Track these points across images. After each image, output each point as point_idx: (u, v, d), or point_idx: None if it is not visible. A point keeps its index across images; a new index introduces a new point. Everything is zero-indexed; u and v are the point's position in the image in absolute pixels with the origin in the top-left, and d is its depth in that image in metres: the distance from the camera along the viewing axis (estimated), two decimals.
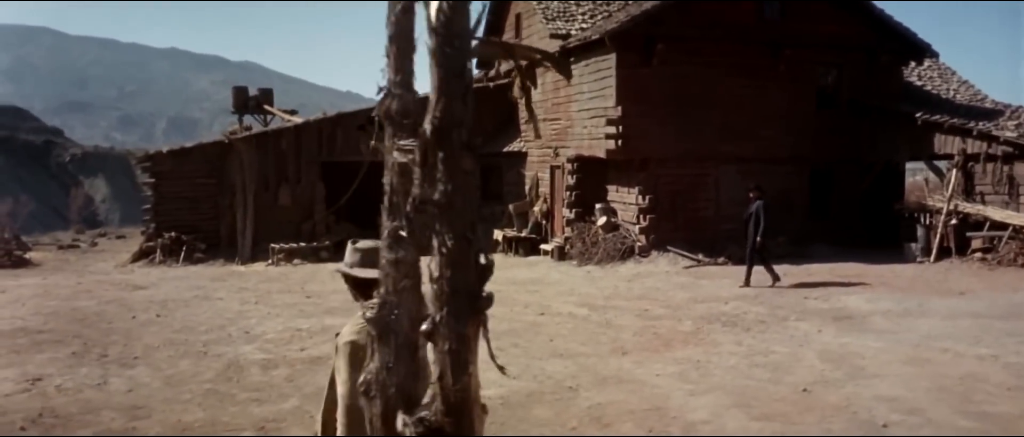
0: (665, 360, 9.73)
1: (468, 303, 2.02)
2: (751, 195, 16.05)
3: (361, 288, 3.67)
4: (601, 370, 9.25)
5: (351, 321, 3.66)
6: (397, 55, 2.26)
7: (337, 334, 3.61)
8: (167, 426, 7.60)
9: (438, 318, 2.04)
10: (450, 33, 2.00)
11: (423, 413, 2.09)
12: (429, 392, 2.13)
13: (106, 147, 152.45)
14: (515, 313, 13.18)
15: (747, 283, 15.55)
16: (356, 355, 3.41)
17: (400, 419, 2.11)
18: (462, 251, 1.98)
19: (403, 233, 2.21)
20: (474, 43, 2.22)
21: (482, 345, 2.34)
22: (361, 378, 2.32)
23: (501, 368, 2.54)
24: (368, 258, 3.69)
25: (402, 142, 2.26)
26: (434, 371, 2.13)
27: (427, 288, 2.15)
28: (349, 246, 3.88)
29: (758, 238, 15.57)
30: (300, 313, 13.76)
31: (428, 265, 2.18)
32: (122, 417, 7.97)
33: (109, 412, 8.13)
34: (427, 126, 2.06)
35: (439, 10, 1.97)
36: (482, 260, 2.11)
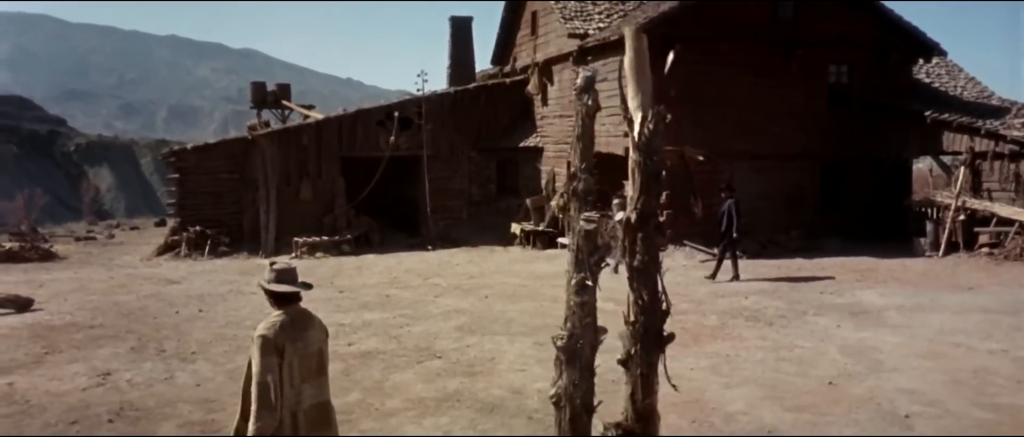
0: (696, 354, 10.35)
1: (655, 340, 2.62)
2: (722, 194, 16.66)
3: (276, 299, 4.88)
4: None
5: (265, 321, 4.82)
6: (582, 150, 2.88)
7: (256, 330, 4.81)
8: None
9: (633, 351, 2.65)
10: (650, 150, 2.61)
11: (619, 420, 2.72)
12: (623, 405, 2.76)
13: (109, 136, 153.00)
14: (545, 308, 13.79)
15: (713, 274, 16.17)
16: (265, 346, 4.67)
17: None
18: (654, 302, 2.59)
19: (588, 282, 2.82)
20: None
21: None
22: (552, 391, 2.96)
23: (674, 386, 3.12)
24: (282, 276, 4.90)
25: (587, 214, 2.85)
26: (626, 390, 2.75)
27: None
28: (268, 266, 5.00)
29: (733, 234, 16.20)
30: (337, 308, 14.31)
31: (623, 311, 2.80)
32: (198, 410, 8.57)
33: (185, 405, 8.74)
34: (632, 215, 2.66)
35: (641, 133, 2.58)
36: (664, 302, 2.72)
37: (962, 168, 19.43)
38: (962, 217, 18.91)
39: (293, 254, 22.81)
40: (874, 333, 11.61)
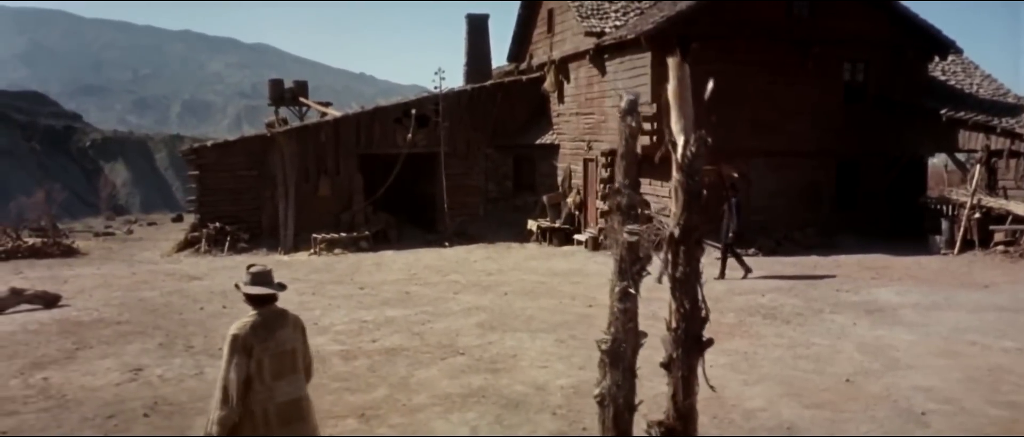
0: (715, 351, 10.38)
1: (695, 345, 2.83)
2: (726, 193, 16.75)
3: (251, 300, 5.28)
4: (658, 360, 10.07)
5: (238, 321, 5.22)
6: (626, 168, 3.09)
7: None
8: None
9: (674, 355, 2.86)
10: (692, 171, 2.81)
11: (661, 419, 2.93)
12: (665, 405, 2.96)
13: (124, 132, 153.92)
14: (564, 305, 14.00)
15: (722, 275, 16.32)
16: (233, 344, 5.06)
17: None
18: (694, 310, 2.79)
19: (631, 290, 3.02)
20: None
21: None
22: (596, 391, 3.17)
23: (712, 387, 3.32)
24: (257, 279, 5.28)
25: (630, 227, 3.05)
26: (668, 390, 2.96)
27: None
28: (246, 270, 5.37)
29: (730, 233, 16.32)
30: (359, 305, 14.53)
31: (666, 318, 3.01)
32: None
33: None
34: (676, 230, 2.87)
35: (684, 155, 2.78)
36: (703, 310, 2.93)
37: (978, 166, 19.52)
38: (977, 215, 19.01)
39: (312, 250, 23.07)
40: (890, 331, 11.76)
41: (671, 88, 3.92)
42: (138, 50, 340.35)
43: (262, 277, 5.29)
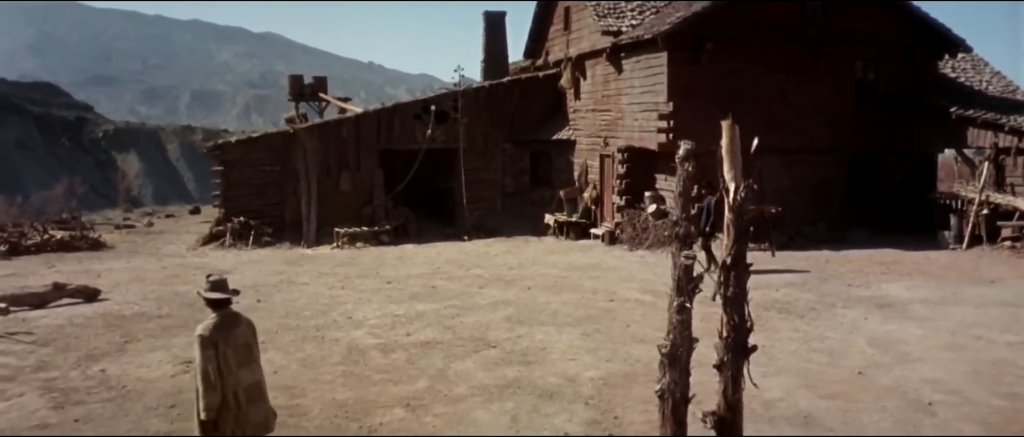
0: None
1: (742, 351, 3.42)
2: (702, 192, 17.30)
3: (210, 303, 6.40)
4: (701, 360, 10.68)
5: (202, 323, 6.32)
6: (683, 203, 3.68)
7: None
8: (325, 403, 9.04)
9: (725, 359, 3.46)
10: (741, 211, 3.39)
11: (713, 410, 3.53)
12: (717, 399, 3.57)
13: (136, 122, 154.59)
14: (586, 300, 14.60)
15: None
16: (203, 342, 6.17)
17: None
18: (742, 322, 3.38)
19: (687, 305, 3.62)
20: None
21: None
22: (657, 387, 3.78)
23: (755, 385, 3.91)
24: (215, 286, 6.40)
25: (686, 251, 3.64)
26: (719, 387, 3.56)
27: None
28: (206, 278, 6.51)
29: (706, 229, 16.87)
30: (388, 299, 15.13)
31: (718, 326, 3.60)
32: (281, 395, 9.40)
33: (269, 391, 9.55)
34: (728, 259, 3.47)
35: (735, 198, 3.37)
36: (749, 322, 3.53)
37: (986, 163, 20.03)
38: (985, 211, 19.52)
39: (334, 244, 23.65)
40: (900, 325, 12.34)
41: (724, 144, 4.60)
42: (147, 40, 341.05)
43: (219, 285, 6.44)
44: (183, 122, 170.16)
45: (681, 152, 5.03)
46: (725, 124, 4.83)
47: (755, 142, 5.18)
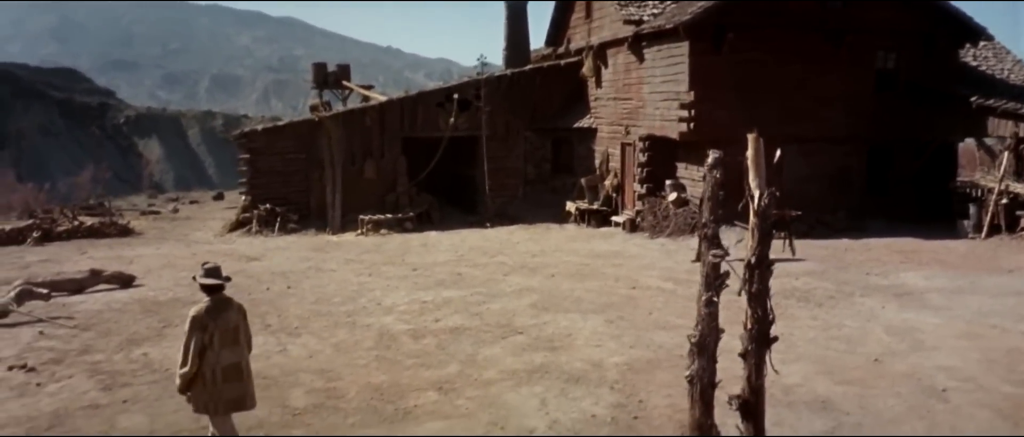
0: None
1: (764, 341, 3.77)
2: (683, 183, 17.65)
3: (205, 289, 7.08)
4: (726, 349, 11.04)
5: (196, 305, 7.04)
6: (711, 207, 4.03)
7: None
8: (361, 386, 9.44)
9: (749, 348, 3.81)
10: (765, 216, 3.73)
11: (739, 393, 3.88)
12: (742, 384, 3.92)
13: (157, 108, 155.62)
14: (609, 287, 14.94)
15: (698, 258, 17.36)
16: (193, 322, 6.88)
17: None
18: (764, 315, 3.73)
19: (715, 299, 3.97)
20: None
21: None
22: (687, 373, 4.14)
23: (776, 371, 4.26)
24: (209, 273, 7.09)
25: (714, 250, 3.99)
26: (743, 373, 3.91)
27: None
28: (202, 265, 7.26)
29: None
30: (415, 286, 15.51)
31: (742, 321, 3.94)
32: (318, 379, 9.83)
33: (305, 374, 10.01)
34: (752, 258, 3.81)
35: (759, 205, 3.71)
36: (771, 316, 3.87)
37: (1006, 152, 20.16)
38: (1005, 201, 19.68)
39: (359, 231, 24.07)
40: (916, 314, 12.61)
41: (750, 154, 4.91)
42: (166, 24, 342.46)
43: (213, 272, 7.12)
44: (203, 107, 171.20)
45: (710, 160, 5.36)
46: (750, 137, 5.13)
47: (778, 154, 5.54)
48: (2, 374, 10.24)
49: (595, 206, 24.47)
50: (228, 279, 7.27)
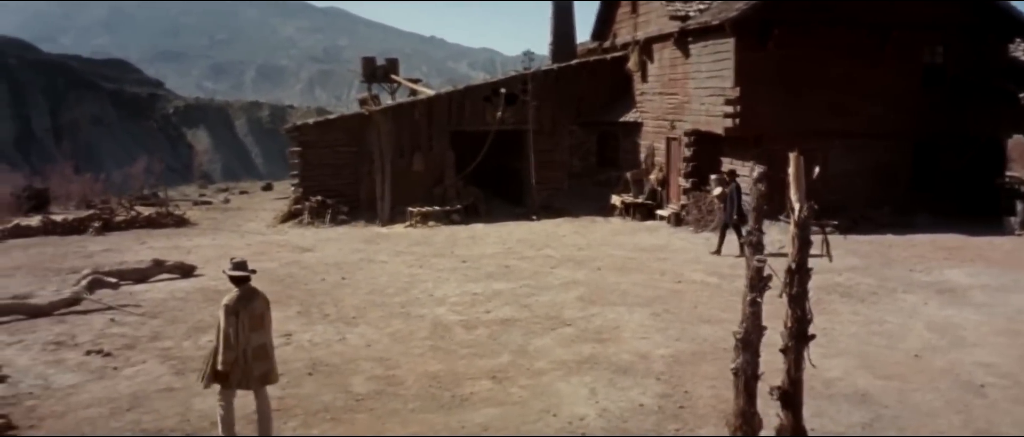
0: None
1: (803, 337, 4.17)
2: (726, 178, 18.34)
3: (234, 280, 7.83)
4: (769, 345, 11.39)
5: (227, 295, 7.80)
6: (756, 216, 4.42)
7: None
8: (418, 374, 9.94)
9: (789, 344, 4.22)
10: (805, 228, 4.12)
11: (780, 385, 4.29)
12: (783, 377, 4.33)
13: (206, 98, 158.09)
14: (654, 281, 15.30)
15: (718, 251, 17.98)
16: (227, 310, 7.63)
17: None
18: (803, 314, 4.13)
19: (759, 300, 4.37)
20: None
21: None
22: (732, 366, 4.55)
23: (813, 365, 4.65)
24: (237, 267, 7.86)
25: (758, 256, 4.39)
26: (784, 367, 4.32)
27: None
28: (230, 260, 8.02)
29: (734, 215, 17.83)
30: (466, 278, 15.96)
31: (783, 319, 4.34)
32: (378, 367, 10.34)
33: (366, 363, 10.52)
34: (793, 264, 4.21)
35: (799, 217, 4.10)
36: (809, 315, 4.27)
37: None
38: None
39: (408, 223, 24.60)
40: (958, 311, 12.82)
41: (791, 172, 5.28)
42: (214, 15, 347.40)
43: (241, 265, 7.92)
44: (249, 97, 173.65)
45: (756, 175, 5.74)
46: (792, 155, 5.47)
47: (816, 170, 5.89)
48: (81, 358, 10.89)
49: (640, 200, 24.78)
50: (254, 271, 8.04)
